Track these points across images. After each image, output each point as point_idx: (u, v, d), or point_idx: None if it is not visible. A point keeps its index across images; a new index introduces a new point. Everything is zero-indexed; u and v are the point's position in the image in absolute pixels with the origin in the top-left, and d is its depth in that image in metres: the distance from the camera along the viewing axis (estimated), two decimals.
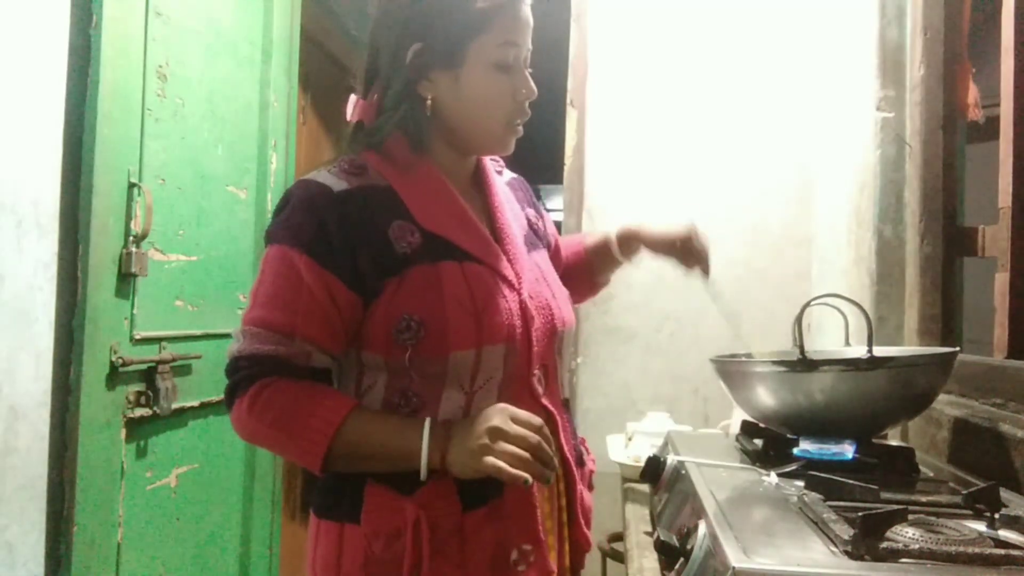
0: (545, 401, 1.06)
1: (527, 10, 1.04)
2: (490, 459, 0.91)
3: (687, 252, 1.23)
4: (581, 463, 1.15)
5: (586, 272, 1.34)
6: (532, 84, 1.05)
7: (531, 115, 1.08)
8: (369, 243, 0.98)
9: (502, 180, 1.20)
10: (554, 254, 1.26)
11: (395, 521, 0.96)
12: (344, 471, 0.99)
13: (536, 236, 1.17)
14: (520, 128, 1.07)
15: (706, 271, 1.24)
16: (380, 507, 0.97)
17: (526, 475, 0.90)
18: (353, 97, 1.09)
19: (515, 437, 0.92)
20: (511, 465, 0.90)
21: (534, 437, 0.93)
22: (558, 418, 1.08)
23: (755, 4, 2.30)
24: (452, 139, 1.07)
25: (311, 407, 0.95)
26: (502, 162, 1.23)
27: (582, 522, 1.12)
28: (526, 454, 0.92)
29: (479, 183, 1.13)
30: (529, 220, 1.18)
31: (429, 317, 0.96)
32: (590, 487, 1.19)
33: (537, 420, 0.95)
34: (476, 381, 1.00)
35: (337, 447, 0.95)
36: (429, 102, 1.03)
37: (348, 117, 1.09)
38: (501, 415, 0.94)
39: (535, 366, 1.04)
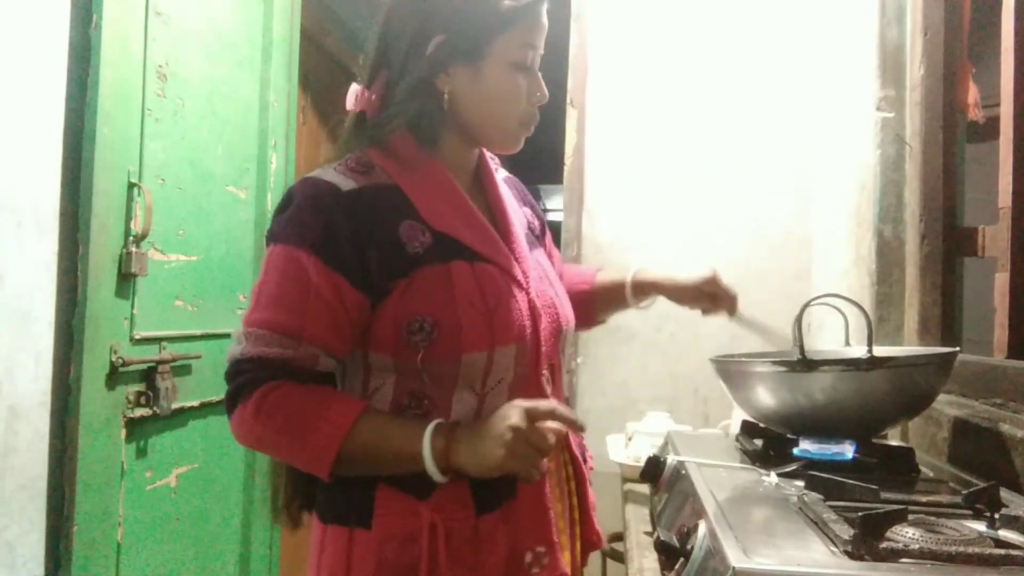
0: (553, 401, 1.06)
1: (545, 16, 1.04)
2: (510, 459, 0.90)
3: (714, 297, 1.23)
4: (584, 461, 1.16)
5: (588, 306, 1.29)
6: (545, 88, 1.06)
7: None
8: (379, 244, 0.95)
9: (499, 177, 1.19)
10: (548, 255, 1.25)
11: (409, 525, 0.94)
12: (350, 475, 0.96)
13: (533, 235, 1.17)
14: (531, 129, 1.07)
15: (732, 311, 1.24)
16: (393, 511, 0.95)
17: (541, 472, 0.95)
18: (355, 86, 1.05)
19: (536, 436, 0.91)
20: (531, 464, 0.91)
21: (551, 439, 0.92)
22: None
23: (755, 4, 2.30)
24: (464, 134, 1.06)
25: (320, 411, 0.93)
26: (498, 160, 1.22)
27: (594, 519, 1.12)
28: (543, 458, 0.92)
29: (480, 179, 1.13)
30: (527, 218, 1.18)
31: (442, 318, 0.94)
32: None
33: (561, 408, 0.94)
34: (487, 383, 0.98)
35: (347, 452, 0.92)
36: (446, 96, 1.01)
37: (348, 107, 1.06)
38: (519, 413, 0.91)
39: (543, 366, 1.04)
